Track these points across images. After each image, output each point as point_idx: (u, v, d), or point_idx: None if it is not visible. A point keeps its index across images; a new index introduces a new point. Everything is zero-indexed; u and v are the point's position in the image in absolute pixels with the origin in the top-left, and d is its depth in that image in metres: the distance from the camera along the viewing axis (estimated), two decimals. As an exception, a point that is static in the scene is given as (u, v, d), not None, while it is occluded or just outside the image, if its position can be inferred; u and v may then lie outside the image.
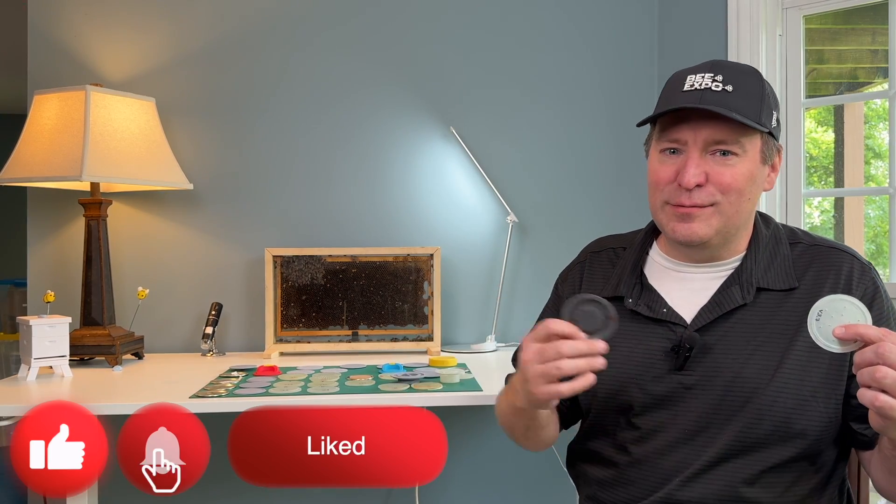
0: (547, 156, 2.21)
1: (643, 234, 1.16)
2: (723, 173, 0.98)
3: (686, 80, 1.01)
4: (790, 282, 1.02)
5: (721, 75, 0.99)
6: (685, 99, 0.99)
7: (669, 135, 1.02)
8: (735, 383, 0.99)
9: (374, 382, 1.57)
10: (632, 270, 1.11)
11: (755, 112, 0.98)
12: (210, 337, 1.98)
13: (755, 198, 1.03)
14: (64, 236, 2.06)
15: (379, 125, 2.16)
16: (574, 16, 2.22)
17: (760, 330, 1.00)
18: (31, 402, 1.42)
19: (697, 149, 0.99)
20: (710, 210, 1.00)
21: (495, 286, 2.15)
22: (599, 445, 1.10)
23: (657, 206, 1.05)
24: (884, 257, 2.18)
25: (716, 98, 0.97)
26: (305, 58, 2.14)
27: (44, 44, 2.05)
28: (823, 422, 0.97)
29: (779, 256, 1.04)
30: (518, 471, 2.18)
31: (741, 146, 0.99)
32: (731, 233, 1.03)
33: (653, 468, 1.02)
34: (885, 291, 1.02)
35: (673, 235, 1.03)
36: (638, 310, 1.06)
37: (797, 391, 0.91)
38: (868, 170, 2.87)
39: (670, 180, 1.01)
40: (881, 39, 2.08)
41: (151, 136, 1.93)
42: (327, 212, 2.14)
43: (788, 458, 0.97)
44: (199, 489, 2.04)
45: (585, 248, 1.24)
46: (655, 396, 1.03)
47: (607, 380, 1.07)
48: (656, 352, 1.03)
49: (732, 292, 1.02)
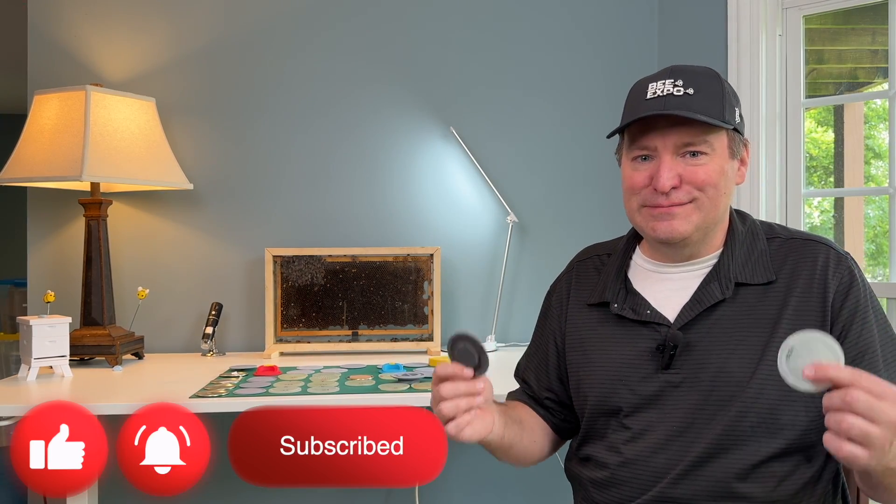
0: (547, 156, 2.21)
1: (626, 240, 1.19)
2: (695, 172, 1.02)
3: (648, 88, 1.04)
4: (768, 275, 1.03)
5: (681, 80, 1.02)
6: (649, 106, 1.02)
7: (639, 143, 1.05)
8: (720, 378, 1.00)
9: (374, 382, 1.57)
10: (616, 276, 1.13)
11: (718, 111, 1.01)
12: (210, 337, 1.98)
13: (729, 192, 1.06)
14: (64, 236, 2.06)
15: (379, 125, 2.16)
16: (574, 15, 2.22)
17: (741, 324, 1.02)
18: (31, 402, 1.42)
19: (668, 153, 1.02)
20: (690, 206, 1.03)
21: (495, 286, 2.15)
22: (593, 449, 1.11)
23: (634, 210, 1.08)
24: (884, 257, 2.18)
25: (679, 102, 1.00)
26: (305, 58, 2.14)
27: (44, 44, 2.05)
28: (811, 413, 0.97)
29: (756, 251, 1.06)
30: (518, 471, 2.18)
31: (709, 145, 1.02)
32: (710, 227, 1.05)
33: (644, 467, 1.03)
34: (864, 281, 1.03)
35: (654, 234, 1.05)
36: (623, 314, 1.09)
37: (781, 383, 0.92)
38: (868, 170, 2.87)
39: (645, 184, 1.04)
40: (881, 39, 2.08)
41: (151, 136, 1.93)
42: (327, 212, 2.14)
43: (779, 452, 0.98)
44: (199, 489, 2.04)
45: (573, 259, 1.27)
46: (644, 396, 1.04)
47: (597, 383, 1.10)
48: (643, 353, 1.05)
49: (712, 289, 1.04)
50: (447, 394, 0.95)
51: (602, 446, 1.09)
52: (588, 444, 1.12)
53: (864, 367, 0.96)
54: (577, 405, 1.15)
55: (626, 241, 1.18)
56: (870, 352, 0.99)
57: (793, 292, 1.01)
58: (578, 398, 1.14)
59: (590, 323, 1.14)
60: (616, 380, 1.07)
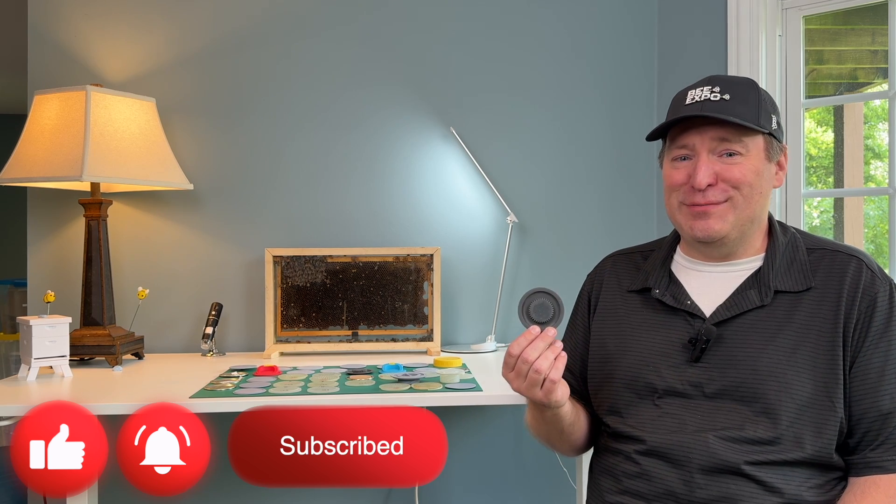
0: (547, 156, 2.22)
1: (670, 238, 1.23)
2: (731, 170, 1.06)
3: (688, 95, 1.11)
4: (807, 282, 1.06)
5: (718, 87, 1.08)
6: (688, 110, 1.08)
7: (678, 142, 1.11)
8: (747, 378, 1.02)
9: (374, 382, 1.57)
10: (661, 265, 1.18)
11: (752, 115, 1.07)
12: (210, 337, 1.98)
13: (766, 192, 1.10)
14: (64, 236, 2.06)
15: (379, 125, 2.16)
16: (575, 15, 2.22)
17: (773, 327, 1.04)
18: (31, 402, 1.42)
19: (705, 151, 1.08)
20: (725, 206, 1.07)
21: (495, 286, 2.15)
22: (619, 440, 1.11)
23: (674, 208, 1.13)
24: (884, 257, 2.18)
25: (715, 106, 1.06)
26: (306, 58, 2.14)
27: (44, 44, 2.05)
28: (834, 419, 0.99)
29: (797, 262, 1.09)
30: (518, 471, 2.18)
31: (744, 146, 1.07)
32: (746, 227, 1.09)
33: (666, 459, 1.03)
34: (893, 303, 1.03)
35: (691, 233, 1.10)
36: (664, 299, 1.13)
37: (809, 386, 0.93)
38: (868, 170, 2.87)
39: (683, 182, 1.10)
40: (881, 40, 2.08)
41: (151, 136, 1.93)
42: (327, 212, 2.14)
43: (803, 457, 0.99)
44: (199, 489, 2.04)
45: (611, 253, 1.30)
46: (670, 385, 1.07)
47: (624, 365, 1.12)
48: (675, 342, 1.09)
49: (750, 295, 1.07)
50: (533, 356, 1.00)
51: (625, 427, 1.10)
52: (611, 428, 1.14)
53: (868, 390, 0.99)
54: (600, 385, 1.17)
55: (671, 238, 1.22)
56: (873, 376, 1.00)
57: (824, 300, 1.04)
58: (604, 378, 1.16)
59: (627, 306, 1.18)
60: (643, 365, 1.10)
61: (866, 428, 1.00)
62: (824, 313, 1.03)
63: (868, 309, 1.02)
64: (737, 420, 1.01)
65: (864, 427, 1.00)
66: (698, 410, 1.04)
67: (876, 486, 0.98)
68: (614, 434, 1.13)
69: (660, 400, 1.08)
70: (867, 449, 1.00)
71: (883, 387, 0.99)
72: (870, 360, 1.00)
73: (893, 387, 0.99)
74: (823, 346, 1.01)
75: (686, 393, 1.05)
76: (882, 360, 1.00)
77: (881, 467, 0.99)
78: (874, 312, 1.02)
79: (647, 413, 1.08)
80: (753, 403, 1.00)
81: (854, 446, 1.01)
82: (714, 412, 1.03)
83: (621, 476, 1.08)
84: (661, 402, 1.07)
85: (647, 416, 1.08)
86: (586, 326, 1.24)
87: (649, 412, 1.08)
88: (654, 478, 1.03)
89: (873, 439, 0.99)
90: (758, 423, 0.99)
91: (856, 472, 1.01)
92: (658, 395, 1.08)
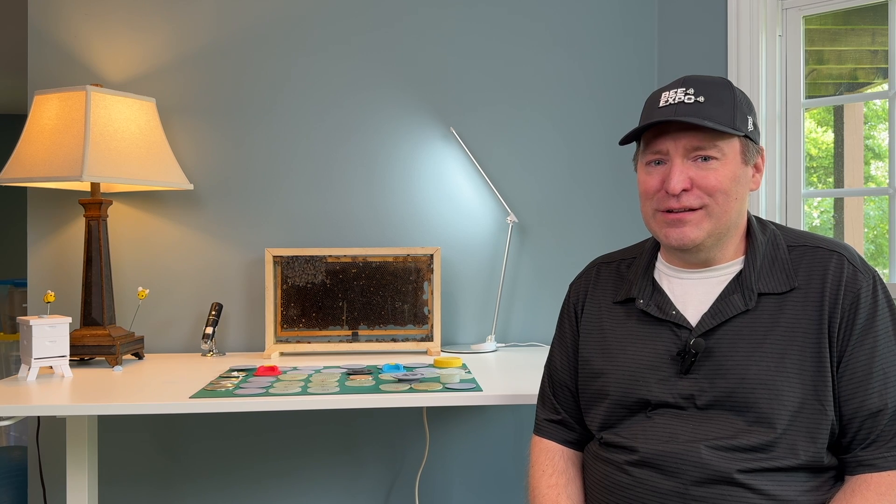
0: (547, 156, 2.22)
1: (651, 244, 1.21)
2: (706, 177, 1.04)
3: (661, 97, 1.08)
4: (790, 283, 1.04)
5: (693, 88, 1.06)
6: (662, 114, 1.06)
7: (652, 147, 1.08)
8: (739, 386, 1.01)
9: (374, 383, 1.57)
10: (643, 274, 1.16)
11: (728, 118, 1.04)
12: (210, 337, 1.98)
13: (742, 198, 1.08)
14: (64, 236, 2.06)
15: (379, 125, 2.16)
16: (575, 15, 2.22)
17: (761, 332, 1.03)
18: (31, 402, 1.42)
19: (679, 156, 1.05)
20: (700, 213, 1.05)
21: (495, 286, 2.15)
22: (610, 450, 1.11)
23: (649, 215, 1.11)
24: (884, 257, 2.18)
25: (689, 109, 1.04)
26: (306, 58, 2.14)
27: (44, 44, 2.05)
28: (826, 422, 0.99)
29: (778, 261, 1.07)
30: (518, 471, 2.18)
31: (720, 150, 1.04)
32: (723, 233, 1.07)
33: (659, 470, 1.02)
34: (877, 297, 1.02)
35: (666, 241, 1.09)
36: (648, 310, 1.11)
37: (800, 391, 0.93)
38: (868, 170, 2.87)
39: (658, 188, 1.07)
40: (881, 40, 2.09)
41: (151, 137, 1.93)
42: (327, 212, 2.14)
43: (797, 463, 0.98)
44: (199, 487, 2.04)
45: (594, 260, 1.29)
46: (661, 399, 1.05)
47: (613, 382, 1.11)
48: (662, 355, 1.07)
49: (734, 299, 1.05)
50: None
51: (624, 434, 1.09)
52: (604, 443, 1.13)
53: (855, 389, 0.99)
54: (585, 401, 1.17)
55: (651, 244, 1.20)
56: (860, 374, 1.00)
57: (808, 300, 1.02)
58: (594, 392, 1.15)
59: (613, 319, 1.16)
60: (633, 381, 1.08)
61: (857, 427, 0.99)
62: (809, 314, 1.01)
63: (852, 306, 1.01)
64: (730, 430, 1.00)
65: (855, 426, 1.00)
66: (691, 421, 1.03)
67: (867, 484, 0.98)
68: (606, 444, 1.12)
69: (652, 412, 1.07)
70: (858, 448, 1.00)
71: (871, 385, 0.99)
72: (856, 358, 1.00)
73: (881, 384, 0.99)
74: (810, 348, 1.00)
75: (678, 405, 1.05)
76: (868, 357, 1.00)
77: (872, 465, 0.98)
78: (858, 309, 1.01)
79: (639, 424, 1.07)
80: (746, 413, 1.00)
81: (846, 445, 1.01)
82: (706, 422, 1.02)
83: (614, 488, 1.07)
84: (654, 413, 1.07)
85: (638, 428, 1.07)
86: (575, 339, 1.22)
87: (641, 424, 1.07)
88: (648, 489, 1.02)
89: (864, 438, 0.99)
90: (751, 433, 0.99)
91: (848, 471, 1.01)
92: (651, 408, 1.07)
